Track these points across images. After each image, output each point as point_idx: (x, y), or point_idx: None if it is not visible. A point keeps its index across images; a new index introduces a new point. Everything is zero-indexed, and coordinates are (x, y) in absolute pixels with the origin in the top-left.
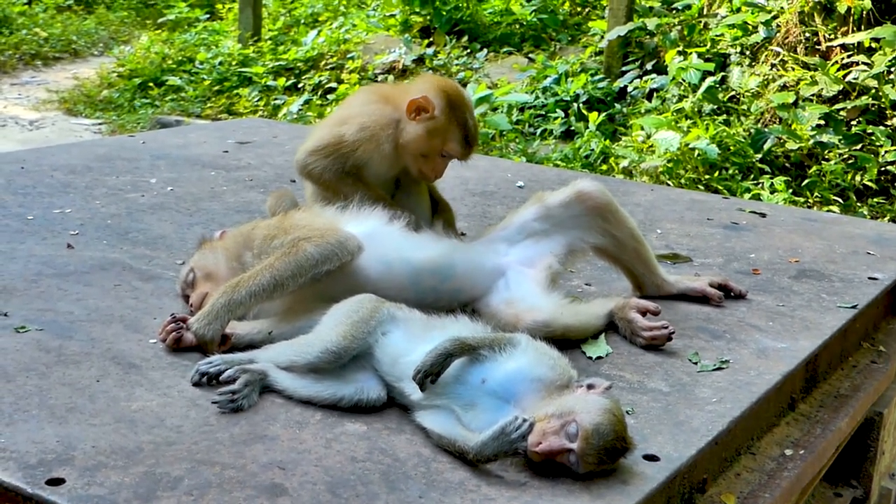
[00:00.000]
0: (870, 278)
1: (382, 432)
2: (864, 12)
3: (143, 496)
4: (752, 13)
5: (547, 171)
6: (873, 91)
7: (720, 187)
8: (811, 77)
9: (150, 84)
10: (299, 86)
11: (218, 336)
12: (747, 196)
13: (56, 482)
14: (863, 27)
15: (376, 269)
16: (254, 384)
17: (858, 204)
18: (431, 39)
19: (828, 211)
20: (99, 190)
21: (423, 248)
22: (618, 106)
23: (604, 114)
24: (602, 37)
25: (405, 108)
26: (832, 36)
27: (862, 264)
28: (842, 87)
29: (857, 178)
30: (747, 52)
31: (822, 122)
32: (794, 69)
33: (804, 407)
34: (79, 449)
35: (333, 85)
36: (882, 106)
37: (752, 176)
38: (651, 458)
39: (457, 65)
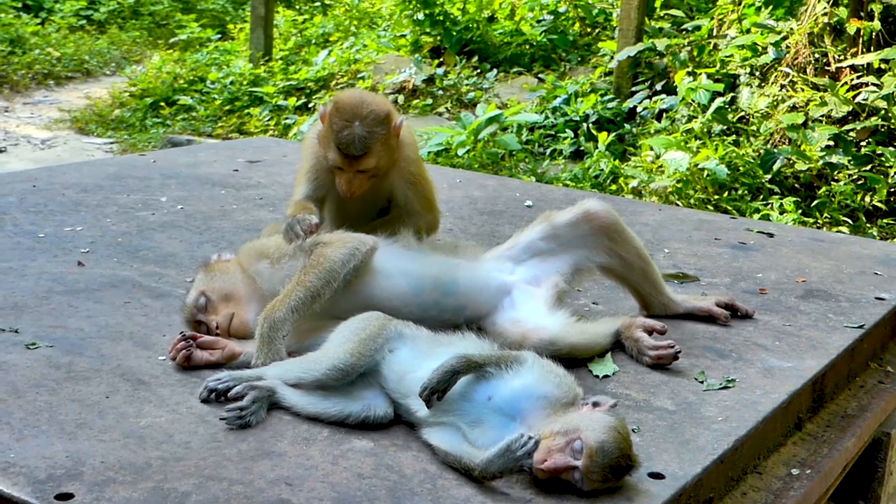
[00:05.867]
0: (877, 298)
1: (389, 449)
2: (874, 33)
3: None
4: (762, 34)
5: (555, 191)
6: (883, 112)
7: (729, 208)
8: (821, 98)
9: (162, 103)
10: (310, 105)
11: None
12: (756, 217)
13: (65, 497)
14: (872, 48)
15: (379, 282)
16: (262, 401)
17: (868, 225)
18: (442, 59)
19: (837, 232)
20: (110, 208)
21: (425, 262)
22: (627, 126)
23: (613, 134)
24: (612, 57)
25: None
26: (842, 57)
27: (869, 284)
28: (851, 108)
29: (867, 199)
30: (757, 73)
31: (832, 142)
32: (803, 90)
33: (811, 427)
34: (88, 464)
35: None
36: (892, 127)
37: (761, 196)
38: (656, 475)
39: (467, 85)
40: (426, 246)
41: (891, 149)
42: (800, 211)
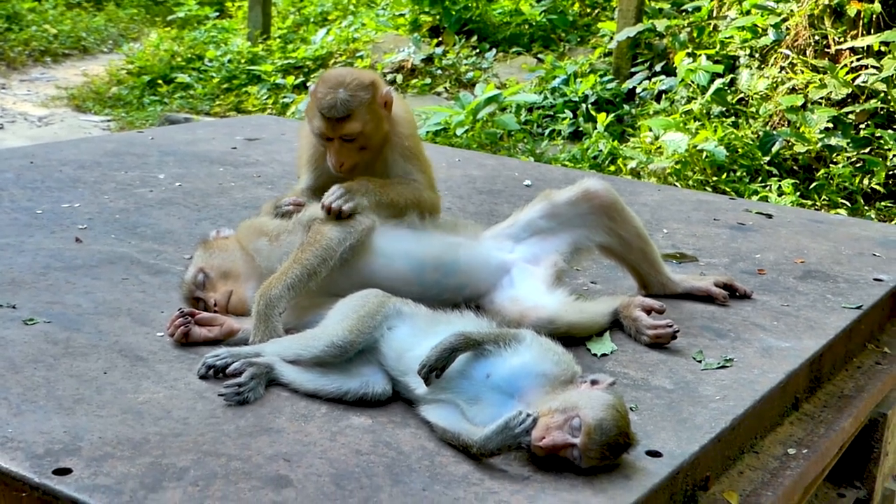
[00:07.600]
0: (875, 279)
1: (387, 426)
2: (874, 16)
3: (150, 486)
4: (762, 16)
5: (554, 171)
6: (882, 94)
7: (728, 189)
8: (820, 80)
9: (159, 81)
10: (308, 84)
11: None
12: (755, 198)
13: (63, 472)
14: (872, 31)
15: (380, 263)
16: (260, 377)
17: (866, 207)
18: (440, 39)
19: (835, 214)
20: (107, 185)
21: (426, 243)
22: (626, 107)
23: (612, 115)
24: (611, 38)
25: None
26: (841, 39)
27: (868, 266)
28: (850, 90)
29: (865, 181)
30: (756, 55)
31: (831, 125)
32: (803, 72)
33: (808, 407)
34: (86, 439)
35: None
36: (891, 109)
37: (759, 178)
38: (654, 454)
39: (466, 64)
40: (427, 225)
41: (890, 131)
42: (798, 193)
